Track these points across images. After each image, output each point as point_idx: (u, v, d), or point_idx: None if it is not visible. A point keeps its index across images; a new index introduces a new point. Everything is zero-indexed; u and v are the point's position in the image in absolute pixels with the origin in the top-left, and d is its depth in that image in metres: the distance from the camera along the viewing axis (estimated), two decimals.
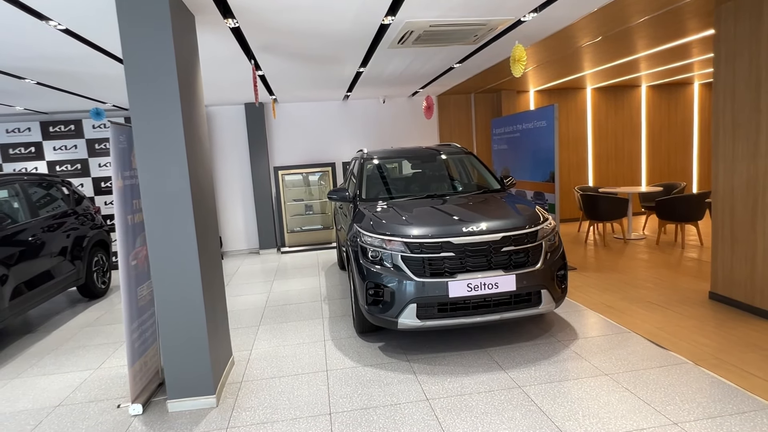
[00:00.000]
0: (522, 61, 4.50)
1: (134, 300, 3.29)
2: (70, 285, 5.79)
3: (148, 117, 2.97)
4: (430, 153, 5.53)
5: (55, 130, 7.97)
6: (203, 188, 3.40)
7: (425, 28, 4.32)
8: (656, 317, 4.34)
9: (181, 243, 3.09)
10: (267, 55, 5.07)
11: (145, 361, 3.45)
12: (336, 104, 9.16)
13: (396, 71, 6.49)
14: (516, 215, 3.95)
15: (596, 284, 5.47)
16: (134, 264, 3.31)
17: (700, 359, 3.46)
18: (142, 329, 3.41)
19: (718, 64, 4.40)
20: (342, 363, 3.80)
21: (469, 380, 3.37)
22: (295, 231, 9.04)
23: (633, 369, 3.37)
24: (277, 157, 9.11)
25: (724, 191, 4.46)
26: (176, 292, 3.12)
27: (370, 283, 3.79)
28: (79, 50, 4.33)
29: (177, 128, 3.01)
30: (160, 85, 2.96)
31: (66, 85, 5.83)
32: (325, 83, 7.07)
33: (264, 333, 4.61)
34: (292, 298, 5.78)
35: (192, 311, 3.16)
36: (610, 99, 10.07)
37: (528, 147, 6.68)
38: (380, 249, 3.84)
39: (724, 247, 4.52)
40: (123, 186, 3.18)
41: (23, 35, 3.82)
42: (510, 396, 3.11)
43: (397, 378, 3.48)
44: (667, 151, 10.37)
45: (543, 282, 3.76)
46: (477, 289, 3.60)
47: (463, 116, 9.68)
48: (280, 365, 3.84)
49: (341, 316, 4.94)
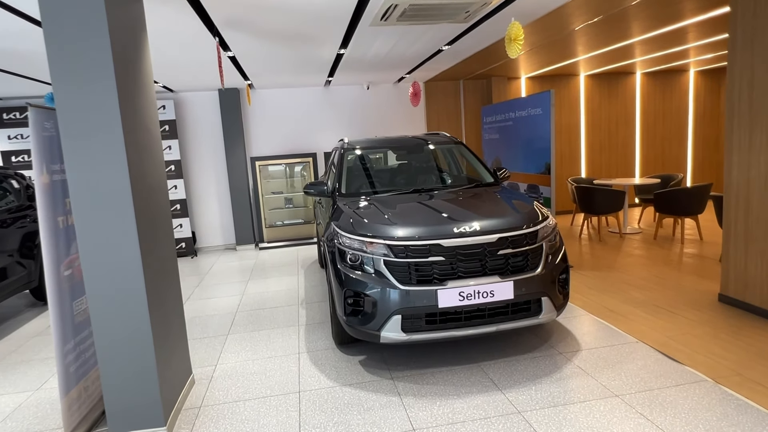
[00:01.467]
0: (519, 40, 4.04)
1: (69, 316, 2.79)
2: (22, 288, 5.23)
3: (74, 98, 2.45)
4: (417, 143, 5.06)
5: (9, 118, 7.32)
6: (151, 184, 2.90)
7: (411, 2, 3.83)
8: (664, 323, 3.96)
9: (121, 249, 2.59)
10: (234, 33, 4.53)
11: (86, 386, 2.95)
12: (317, 91, 8.62)
13: (380, 53, 5.99)
14: (514, 213, 3.51)
15: (595, 284, 5.09)
16: (68, 274, 2.80)
17: (720, 376, 3.08)
18: (81, 349, 2.91)
19: (734, 44, 3.99)
20: (317, 382, 3.35)
21: (461, 404, 2.94)
22: (274, 225, 8.53)
23: (647, 388, 2.97)
24: (255, 147, 8.56)
25: (738, 185, 4.07)
26: (116, 307, 2.63)
27: (349, 291, 3.33)
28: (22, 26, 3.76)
29: (112, 112, 2.49)
30: (88, 58, 2.43)
31: (18, 67, 5.22)
32: (304, 67, 6.53)
33: (232, 344, 4.14)
34: (267, 300, 5.30)
35: (135, 329, 2.67)
36: (603, 86, 9.67)
37: (521, 136, 6.25)
38: (360, 252, 3.38)
39: (737, 246, 4.14)
40: (50, 182, 2.66)
41: None
42: (509, 425, 2.69)
43: (379, 401, 3.04)
44: (662, 141, 10.03)
45: (544, 288, 3.33)
46: (470, 297, 3.16)
47: (452, 104, 9.21)
48: (246, 385, 3.38)
49: (319, 323, 4.48)
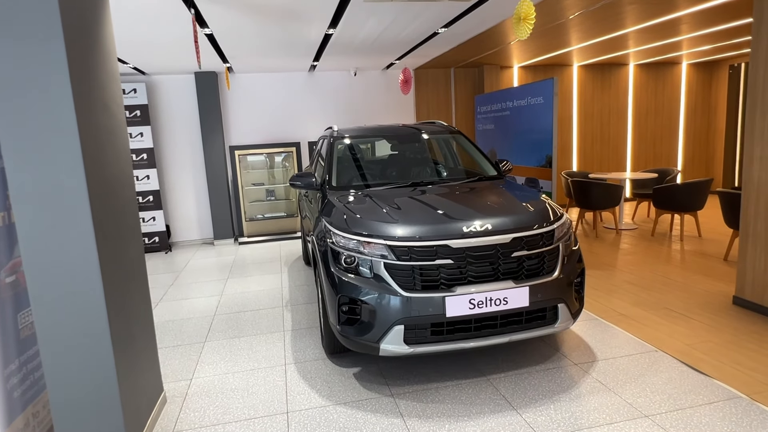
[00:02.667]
0: (530, 20, 3.67)
1: (12, 330, 2.33)
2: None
3: (10, 66, 1.99)
4: (412, 132, 4.67)
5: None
6: (113, 174, 2.45)
7: None
8: (680, 329, 3.68)
9: (73, 252, 2.15)
10: (212, 5, 4.06)
11: (35, 412, 2.51)
12: (301, 76, 8.14)
13: (371, 35, 5.56)
14: (527, 210, 3.16)
15: (600, 285, 4.80)
16: (11, 281, 2.34)
17: (753, 391, 2.80)
18: (28, 369, 2.46)
19: (759, 30, 3.70)
20: (307, 400, 2.96)
21: (473, 427, 2.59)
22: (255, 219, 8.05)
23: (678, 407, 2.67)
24: (234, 136, 8.05)
25: (759, 182, 3.80)
26: (67, 320, 2.19)
27: (344, 298, 2.94)
28: None
29: (61, 85, 2.04)
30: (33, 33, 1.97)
31: None
32: (289, 49, 6.07)
33: (210, 353, 3.72)
34: (248, 302, 4.88)
35: (92, 342, 2.24)
36: (596, 77, 9.42)
37: (520, 127, 5.91)
38: (356, 253, 2.99)
39: (755, 247, 3.88)
40: None
41: None
42: None
43: (379, 424, 2.67)
44: (653, 135, 9.85)
45: (561, 294, 3.00)
46: (481, 305, 2.81)
47: (442, 92, 8.83)
48: (226, 404, 2.97)
49: (307, 329, 4.09)
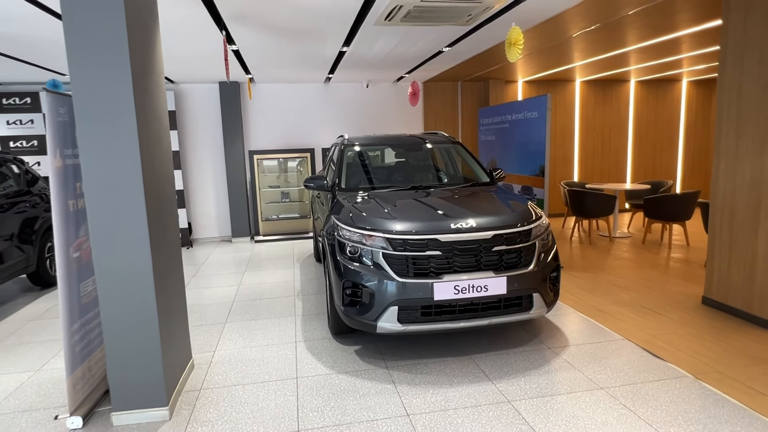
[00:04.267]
0: (519, 45, 4.17)
1: (76, 297, 2.87)
2: (19, 272, 5.28)
3: (90, 85, 2.53)
4: (416, 141, 5.17)
5: (8, 103, 7.33)
6: (160, 172, 2.98)
7: (416, 3, 3.93)
8: (649, 323, 4.11)
9: (130, 234, 2.68)
10: (240, 27, 4.61)
11: (89, 366, 3.03)
12: (317, 87, 8.71)
13: (381, 52, 6.09)
14: (509, 211, 3.64)
15: (584, 285, 5.23)
16: (77, 256, 2.88)
17: (700, 372, 3.22)
18: (86, 330, 2.99)
19: (725, 56, 4.14)
20: (314, 369, 3.45)
21: (453, 392, 3.06)
22: (270, 219, 8.60)
23: (630, 382, 3.11)
24: (253, 141, 8.63)
25: (724, 191, 4.23)
26: (123, 289, 2.72)
27: (348, 282, 3.44)
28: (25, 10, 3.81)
29: (127, 104, 2.58)
30: (105, 46, 2.52)
31: (20, 52, 5.26)
32: (306, 63, 6.62)
33: (230, 332, 4.23)
34: (263, 292, 5.39)
35: (142, 312, 2.76)
36: (598, 93, 9.85)
37: (517, 139, 6.38)
38: (359, 245, 3.49)
39: (721, 251, 4.30)
40: (63, 166, 2.74)
41: None
42: (499, 412, 2.81)
43: (374, 388, 3.15)
44: (653, 149, 10.23)
45: (535, 285, 3.46)
46: (465, 291, 3.28)
47: (449, 105, 9.34)
48: (245, 370, 3.47)
49: (315, 314, 4.59)
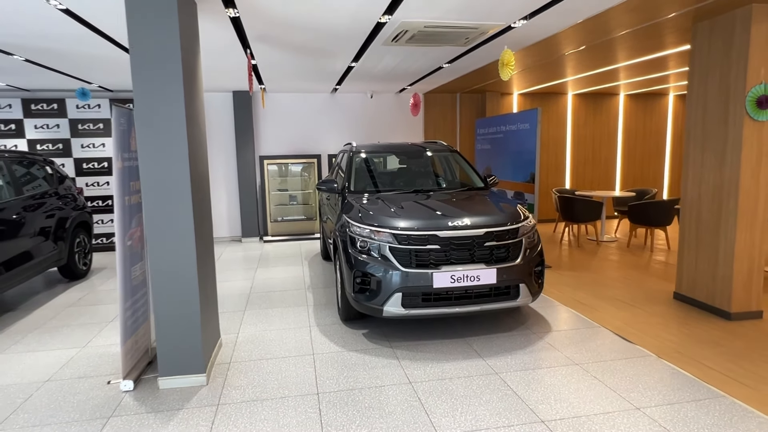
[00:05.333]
0: (510, 66, 4.69)
1: (128, 279, 3.36)
2: (52, 265, 5.76)
3: (151, 102, 3.05)
4: (417, 149, 5.69)
5: (37, 108, 7.84)
6: (200, 173, 3.49)
7: (420, 29, 4.47)
8: (624, 314, 4.61)
9: (179, 225, 3.18)
10: (262, 45, 5.14)
11: (136, 340, 3.52)
12: (324, 97, 9.25)
13: (387, 68, 6.62)
14: (499, 212, 4.15)
15: (570, 282, 5.74)
16: (129, 244, 3.38)
17: (662, 353, 3.72)
18: (135, 308, 3.49)
19: (692, 77, 4.68)
20: (327, 348, 3.95)
21: (449, 366, 3.55)
22: (278, 220, 9.11)
23: (601, 360, 3.61)
24: (263, 147, 9.15)
25: (692, 198, 4.75)
26: (172, 272, 3.22)
27: (358, 272, 3.94)
28: (76, 30, 4.33)
29: (179, 114, 3.09)
30: (164, 70, 3.03)
31: (54, 63, 5.78)
32: (316, 75, 7.15)
33: (250, 318, 4.72)
34: (276, 285, 5.89)
35: (186, 292, 3.26)
36: (589, 105, 10.41)
37: (510, 148, 6.91)
38: (368, 239, 3.99)
39: (689, 251, 4.82)
40: (122, 167, 3.25)
41: (22, 13, 3.82)
42: (488, 381, 3.31)
43: (381, 362, 3.64)
44: (641, 158, 10.78)
45: (522, 276, 3.97)
46: (460, 280, 3.78)
47: (448, 115, 9.88)
48: (266, 348, 3.97)
49: (325, 304, 5.08)
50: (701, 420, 2.78)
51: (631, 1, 3.93)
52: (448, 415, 2.89)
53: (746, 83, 4.11)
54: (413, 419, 2.86)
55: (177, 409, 3.03)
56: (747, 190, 4.24)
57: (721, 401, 2.97)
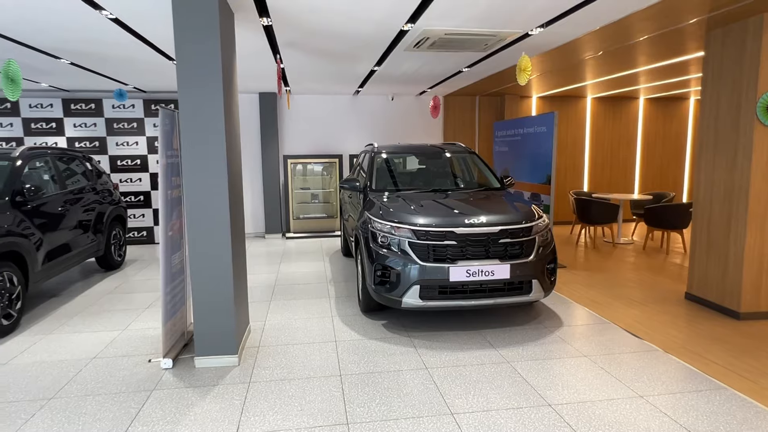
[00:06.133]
0: (527, 71, 4.89)
1: (169, 266, 3.67)
2: (91, 256, 6.15)
3: (194, 106, 3.34)
4: (437, 150, 5.92)
5: (76, 108, 8.30)
6: (235, 172, 3.78)
7: (441, 36, 4.70)
8: (635, 312, 4.76)
9: (216, 219, 3.47)
10: (291, 51, 5.43)
11: (174, 323, 3.83)
12: (346, 98, 9.53)
13: (408, 71, 6.86)
14: (513, 211, 4.36)
15: (583, 281, 5.90)
16: (170, 234, 3.69)
17: (669, 348, 3.88)
18: (174, 293, 3.79)
19: (706, 83, 4.81)
20: (349, 336, 4.20)
21: (463, 354, 3.78)
22: (300, 218, 9.42)
23: (609, 353, 3.79)
24: (287, 146, 9.48)
25: (703, 200, 4.88)
26: (209, 262, 3.51)
27: (379, 265, 4.19)
28: (121, 37, 4.68)
29: (218, 117, 3.38)
30: (206, 77, 3.33)
31: (96, 66, 6.17)
32: (340, 78, 7.43)
33: (275, 307, 5.01)
34: (299, 278, 6.18)
35: (222, 280, 3.55)
36: (608, 109, 10.48)
37: (527, 150, 7.08)
38: (389, 235, 4.24)
39: (700, 252, 4.94)
40: (166, 164, 3.55)
41: (73, 20, 4.17)
42: (499, 369, 3.52)
43: (399, 350, 3.89)
44: (660, 162, 10.81)
45: (534, 273, 4.17)
46: (475, 275, 4.00)
47: (467, 117, 10.08)
48: (292, 335, 4.24)
49: (346, 297, 5.34)
50: (701, 408, 2.95)
51: (645, 11, 4.10)
52: (461, 397, 3.11)
53: (757, 90, 4.23)
54: (429, 399, 3.09)
55: (212, 385, 3.32)
56: (757, 193, 4.36)
57: (722, 392, 3.14)
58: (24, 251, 4.57)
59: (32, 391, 3.27)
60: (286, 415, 2.93)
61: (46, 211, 5.14)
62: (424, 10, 3.98)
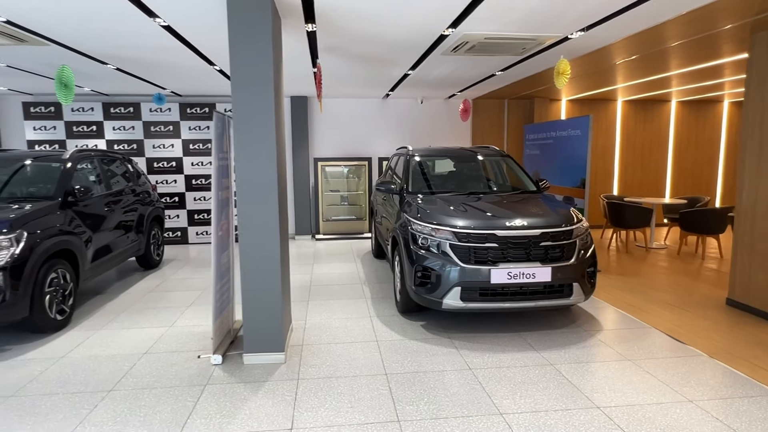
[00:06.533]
0: (566, 74, 4.90)
1: (218, 265, 3.78)
2: (133, 255, 6.34)
3: (248, 111, 3.45)
4: (471, 153, 5.95)
5: (115, 111, 8.56)
6: (281, 175, 3.87)
7: (480, 40, 4.74)
8: (675, 317, 4.72)
9: (267, 220, 3.57)
10: (328, 56, 5.53)
11: (222, 321, 3.94)
12: (376, 102, 9.62)
13: (441, 75, 6.92)
14: (554, 214, 4.37)
15: (619, 286, 5.85)
16: (220, 234, 3.80)
17: (714, 353, 3.85)
18: (222, 291, 3.91)
19: (749, 86, 4.75)
20: (389, 336, 4.26)
21: (505, 356, 3.80)
22: (329, 220, 9.53)
23: (653, 357, 3.77)
24: (317, 149, 9.61)
25: (747, 205, 4.81)
26: (259, 261, 3.61)
27: (419, 267, 4.24)
28: (170, 43, 4.84)
29: (270, 122, 3.48)
30: (259, 82, 3.43)
31: (140, 71, 6.37)
32: (372, 82, 7.52)
33: (314, 307, 5.10)
34: (333, 279, 6.26)
35: (271, 279, 3.64)
36: (639, 112, 10.36)
37: (560, 154, 7.06)
38: (429, 236, 4.29)
39: (743, 257, 4.87)
40: (218, 166, 3.67)
41: (126, 26, 4.32)
42: (543, 371, 3.54)
43: (441, 351, 3.93)
44: (693, 166, 10.63)
45: (575, 276, 4.17)
46: (516, 277, 4.03)
47: (496, 120, 10.07)
48: (333, 334, 4.32)
49: (382, 298, 5.40)
50: (753, 414, 2.93)
51: (689, 14, 4.08)
52: (509, 398, 3.14)
53: None
54: (476, 399, 3.13)
55: (263, 381, 3.41)
56: None
57: None
58: (76, 249, 4.75)
59: (91, 383, 3.40)
60: (337, 412, 3.00)
61: (93, 211, 5.32)
62: (468, 15, 4.03)
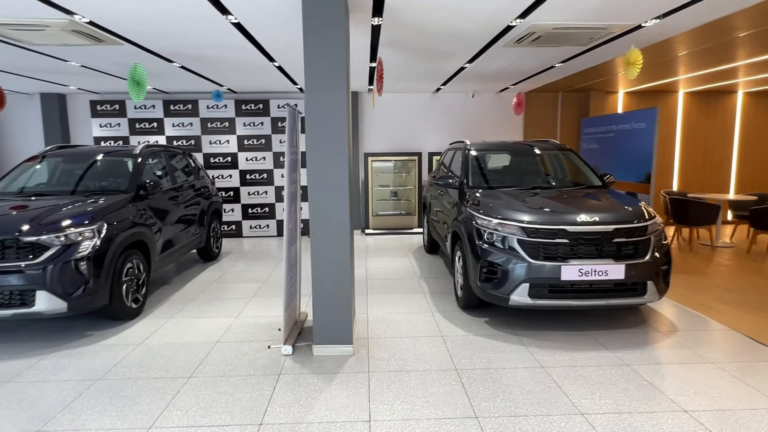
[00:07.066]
0: (638, 64, 4.71)
1: (288, 257, 3.85)
2: (195, 247, 6.55)
3: (320, 107, 3.48)
4: (530, 147, 5.82)
5: (175, 108, 8.86)
6: (351, 170, 3.90)
7: (548, 30, 4.62)
8: (752, 318, 4.47)
9: (338, 215, 3.62)
10: (388, 50, 5.52)
11: (290, 312, 4.01)
12: (426, 96, 9.56)
13: (497, 68, 6.79)
14: (626, 210, 4.21)
15: (688, 285, 5.60)
16: (290, 227, 3.87)
17: None
18: (291, 283, 3.97)
19: None
20: (454, 331, 4.23)
21: (578, 355, 3.70)
22: (379, 215, 9.56)
23: (737, 360, 3.58)
24: (367, 144, 9.64)
25: None
26: (330, 255, 3.65)
27: (485, 262, 4.18)
28: (236, 41, 4.95)
29: (342, 117, 3.51)
30: (332, 77, 3.46)
31: (202, 69, 6.55)
32: (426, 76, 7.46)
33: (374, 301, 5.12)
34: (389, 274, 6.27)
35: (341, 273, 3.68)
36: (702, 104, 9.86)
37: (622, 147, 6.81)
38: (495, 231, 4.21)
39: None
40: (290, 160, 3.73)
41: (197, 24, 4.43)
42: (620, 372, 3.42)
43: (509, 347, 3.87)
44: (761, 161, 10.04)
45: (649, 274, 4.01)
46: (588, 275, 3.90)
47: (549, 114, 9.82)
48: (397, 328, 4.32)
49: (440, 293, 5.37)
50: None
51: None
52: (587, 398, 3.06)
53: None
54: (554, 398, 3.06)
55: (334, 373, 3.45)
56: None
57: None
58: (148, 240, 4.94)
59: (171, 370, 3.54)
60: (413, 405, 3.00)
61: (161, 204, 5.51)
62: (540, 5, 3.92)
